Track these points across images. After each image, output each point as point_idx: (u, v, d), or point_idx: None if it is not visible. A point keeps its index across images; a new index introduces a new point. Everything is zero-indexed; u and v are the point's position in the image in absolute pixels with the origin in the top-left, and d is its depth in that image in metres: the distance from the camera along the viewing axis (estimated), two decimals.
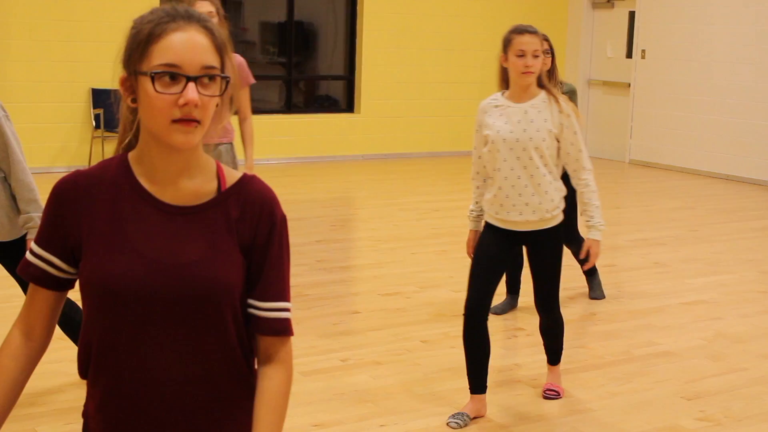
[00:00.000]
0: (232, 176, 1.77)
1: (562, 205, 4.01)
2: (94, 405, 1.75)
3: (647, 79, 12.10)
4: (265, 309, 1.76)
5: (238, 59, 4.84)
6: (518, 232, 3.99)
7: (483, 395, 4.07)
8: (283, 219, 1.78)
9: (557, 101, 3.92)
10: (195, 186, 1.73)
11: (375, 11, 11.76)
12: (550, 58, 5.30)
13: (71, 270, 1.75)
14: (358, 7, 11.79)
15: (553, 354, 4.33)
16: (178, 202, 1.73)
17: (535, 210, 3.93)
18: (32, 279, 1.77)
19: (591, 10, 12.93)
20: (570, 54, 12.98)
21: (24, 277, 1.78)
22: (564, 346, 4.35)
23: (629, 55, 12.42)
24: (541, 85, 3.96)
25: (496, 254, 4.01)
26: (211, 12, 4.45)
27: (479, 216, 4.15)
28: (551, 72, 5.34)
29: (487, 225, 4.07)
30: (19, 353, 1.77)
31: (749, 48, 10.92)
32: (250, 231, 1.74)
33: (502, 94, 3.99)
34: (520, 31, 3.88)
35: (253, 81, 5.01)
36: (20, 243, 3.86)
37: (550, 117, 3.90)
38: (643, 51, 12.14)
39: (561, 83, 5.40)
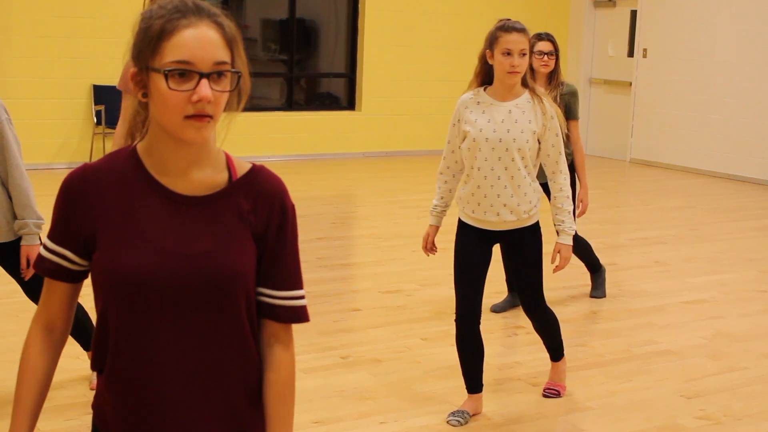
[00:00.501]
0: (242, 167, 1.79)
1: (540, 206, 3.98)
2: (112, 398, 1.76)
3: (649, 78, 12.10)
4: (283, 297, 1.79)
5: None
6: (495, 231, 3.96)
7: (480, 394, 4.08)
8: (293, 209, 1.81)
9: (541, 102, 3.86)
10: (205, 177, 1.75)
11: (376, 9, 11.76)
12: (554, 60, 5.30)
13: (85, 263, 1.77)
14: (359, 5, 11.79)
15: (552, 350, 4.31)
16: (189, 192, 1.74)
17: (513, 210, 3.89)
18: (48, 274, 1.78)
19: (593, 9, 12.92)
20: (571, 53, 12.98)
21: (39, 272, 1.79)
22: (565, 344, 4.35)
23: (631, 54, 12.41)
24: (525, 84, 3.88)
25: (478, 258, 3.96)
26: None
27: (443, 212, 4.10)
28: (554, 73, 5.34)
29: (463, 225, 4.01)
30: (44, 349, 1.81)
31: (751, 47, 10.91)
32: (262, 222, 1.76)
33: (484, 89, 3.91)
34: (507, 29, 3.77)
35: None
36: (19, 245, 3.85)
37: (534, 118, 3.84)
38: (645, 50, 12.13)
39: (562, 84, 5.40)
